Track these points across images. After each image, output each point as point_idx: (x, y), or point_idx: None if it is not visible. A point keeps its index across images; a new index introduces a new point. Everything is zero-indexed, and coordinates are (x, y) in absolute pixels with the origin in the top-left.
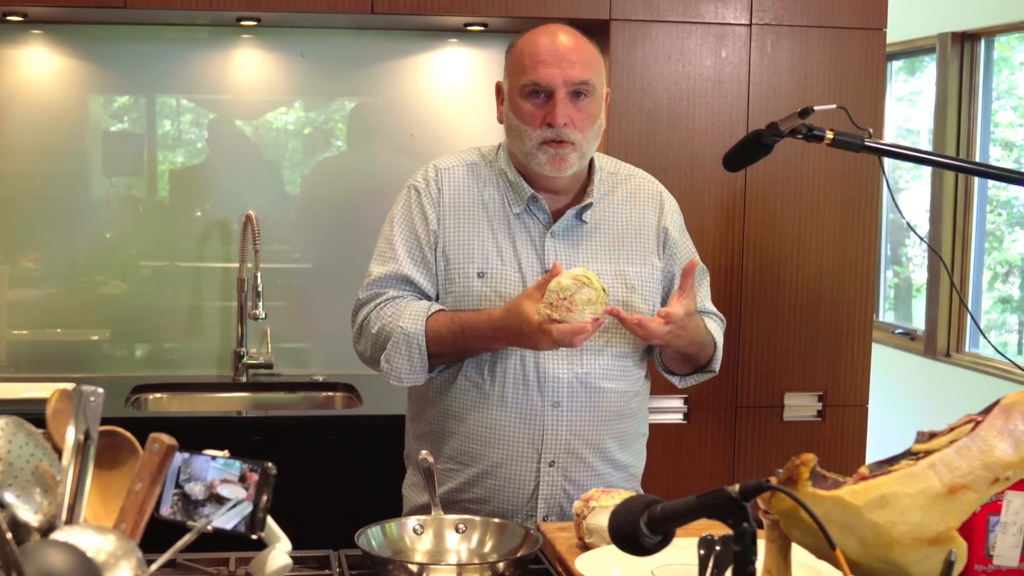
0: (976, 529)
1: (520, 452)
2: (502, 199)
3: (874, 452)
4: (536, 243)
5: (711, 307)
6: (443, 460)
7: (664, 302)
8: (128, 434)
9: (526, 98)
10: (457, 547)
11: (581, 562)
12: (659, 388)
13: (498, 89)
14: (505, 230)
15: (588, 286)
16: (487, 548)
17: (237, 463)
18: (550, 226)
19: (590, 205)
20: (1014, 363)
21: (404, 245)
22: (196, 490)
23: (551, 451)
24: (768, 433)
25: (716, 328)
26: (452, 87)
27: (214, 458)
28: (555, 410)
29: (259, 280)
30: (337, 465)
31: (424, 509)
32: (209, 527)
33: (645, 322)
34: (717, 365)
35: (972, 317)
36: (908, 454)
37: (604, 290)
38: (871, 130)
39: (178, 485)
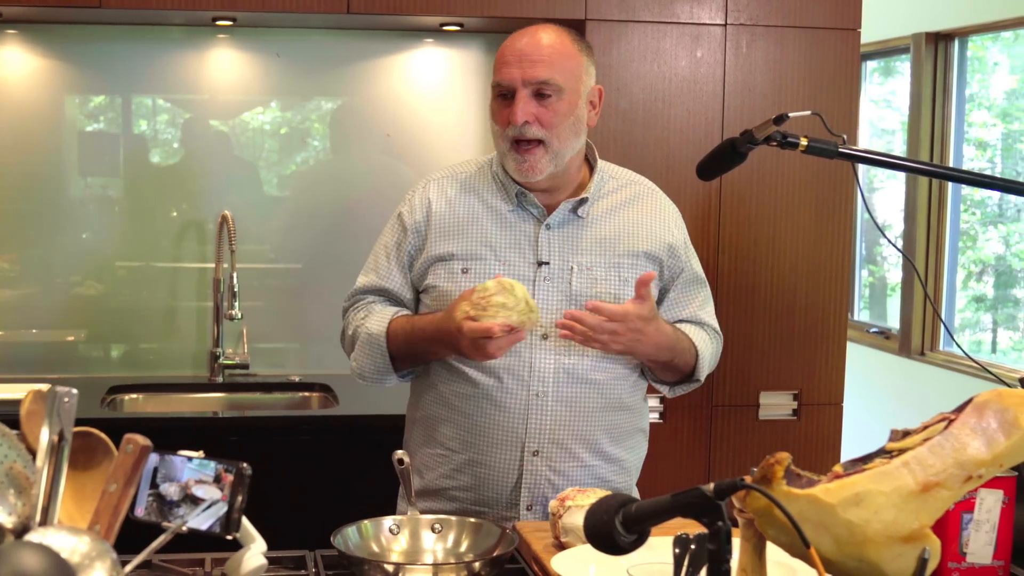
0: (949, 527)
1: (503, 440)
2: (494, 199)
3: (848, 450)
4: (530, 236)
5: (707, 319)
6: (434, 446)
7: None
8: (102, 435)
9: (496, 99)
10: (433, 547)
11: (557, 561)
12: None
13: None
14: (498, 226)
15: (508, 291)
16: (463, 548)
17: (212, 463)
18: (544, 219)
19: (586, 200)
20: (982, 366)
21: (384, 258)
22: (171, 491)
23: (535, 440)
24: (743, 432)
25: (704, 340)
26: (428, 87)
27: (189, 459)
28: (539, 400)
29: (235, 280)
30: (313, 465)
31: (422, 493)
32: (184, 528)
33: (578, 315)
34: (702, 375)
35: (944, 325)
36: (882, 452)
37: (529, 303)
38: (845, 136)
39: (153, 486)
